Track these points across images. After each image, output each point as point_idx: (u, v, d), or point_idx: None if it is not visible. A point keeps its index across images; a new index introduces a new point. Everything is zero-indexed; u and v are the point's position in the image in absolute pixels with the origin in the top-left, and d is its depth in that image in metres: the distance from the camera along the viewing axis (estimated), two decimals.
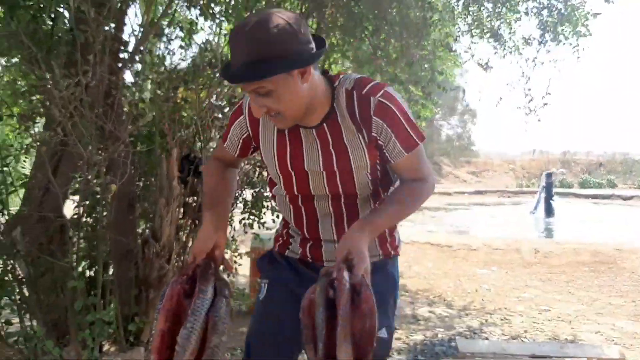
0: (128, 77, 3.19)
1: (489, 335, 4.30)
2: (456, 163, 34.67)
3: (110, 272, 2.93)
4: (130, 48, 3.13)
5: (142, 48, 2.96)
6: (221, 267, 1.65)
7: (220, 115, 3.37)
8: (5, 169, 2.83)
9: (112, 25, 2.94)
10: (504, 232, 10.64)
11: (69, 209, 3.09)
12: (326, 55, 5.78)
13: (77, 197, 2.97)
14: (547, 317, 4.92)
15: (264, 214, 4.25)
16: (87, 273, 3.08)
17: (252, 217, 4.12)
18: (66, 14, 2.99)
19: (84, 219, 2.87)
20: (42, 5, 2.99)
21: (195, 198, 3.14)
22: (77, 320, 2.70)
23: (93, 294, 2.77)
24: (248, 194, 4.14)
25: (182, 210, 3.12)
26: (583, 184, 26.80)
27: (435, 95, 6.51)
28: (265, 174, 3.67)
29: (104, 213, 2.82)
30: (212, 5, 4.31)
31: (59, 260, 2.80)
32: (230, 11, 4.38)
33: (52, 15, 3.06)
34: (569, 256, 7.80)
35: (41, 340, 2.73)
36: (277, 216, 3.86)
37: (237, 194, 3.61)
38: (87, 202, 2.84)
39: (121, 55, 2.99)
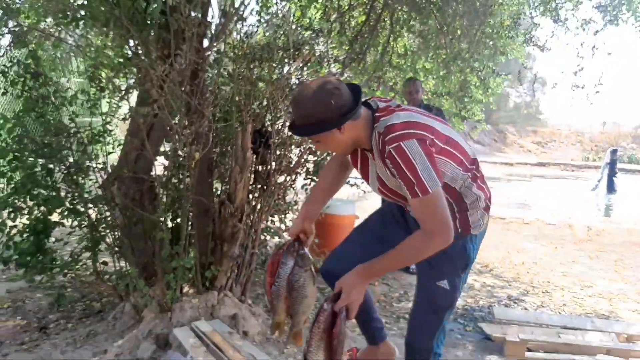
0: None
1: (528, 306, 4.58)
2: (522, 132, 33.85)
3: (191, 227, 3.41)
4: (213, 30, 3.52)
5: (224, 32, 3.35)
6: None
7: (288, 91, 3.72)
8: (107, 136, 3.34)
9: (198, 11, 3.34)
10: (561, 208, 10.67)
11: (158, 170, 3.59)
12: (391, 29, 6.01)
13: (162, 160, 3.46)
14: (588, 293, 5.13)
15: None
16: (170, 225, 3.58)
17: (313, 183, 4.49)
18: None
19: (170, 181, 3.35)
20: None
21: (265, 167, 3.54)
22: (163, 266, 3.20)
23: (177, 244, 3.26)
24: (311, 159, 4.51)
25: (253, 177, 3.54)
26: None
27: (501, 66, 6.63)
28: None
29: (188, 177, 3.28)
30: None
31: (149, 213, 3.30)
32: None
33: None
34: (621, 235, 7.86)
35: (133, 280, 3.26)
36: None
37: (302, 162, 3.96)
38: (174, 167, 3.31)
39: (206, 40, 3.38)
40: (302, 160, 3.85)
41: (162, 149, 3.64)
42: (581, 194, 13.75)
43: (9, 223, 3.84)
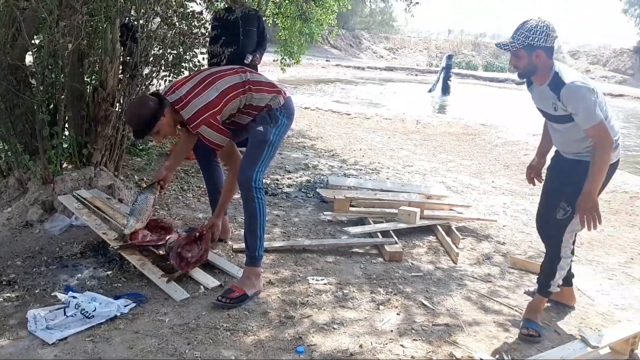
0: None
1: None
2: (376, 38, 35.44)
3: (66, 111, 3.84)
4: None
5: None
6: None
7: None
8: None
9: None
10: (400, 106, 12.00)
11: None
12: None
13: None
14: (408, 170, 6.31)
15: (183, 73, 5.02)
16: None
17: (172, 75, 4.90)
18: None
19: (46, 69, 3.72)
20: None
21: (131, 59, 4.00)
22: (44, 144, 3.65)
23: (55, 125, 3.70)
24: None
25: (121, 67, 4.00)
26: (487, 67, 28.71)
27: None
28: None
29: (61, 66, 3.67)
30: None
31: (28, 98, 3.68)
32: None
33: None
34: (443, 128, 9.28)
35: (18, 156, 3.68)
36: None
37: (163, 55, 4.44)
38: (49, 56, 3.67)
39: None
40: (165, 53, 4.35)
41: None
42: (420, 95, 15.36)
43: None
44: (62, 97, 3.76)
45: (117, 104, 3.92)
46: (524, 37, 2.67)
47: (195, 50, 4.62)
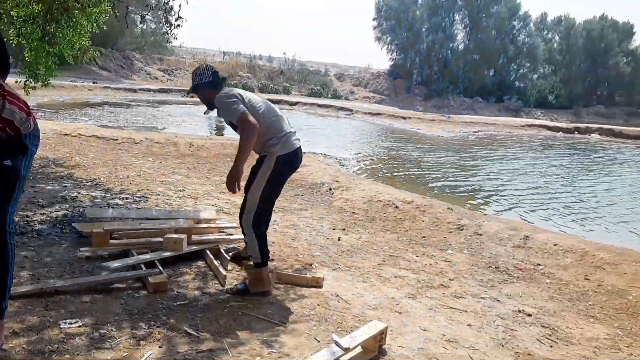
0: None
1: (125, 210, 5.30)
2: (149, 59, 34.47)
3: None
4: None
5: None
6: None
7: None
8: None
9: None
10: (175, 129, 11.79)
11: None
12: None
13: None
14: (179, 195, 6.17)
15: None
16: None
17: None
18: None
19: None
20: None
21: None
22: None
23: None
24: None
25: None
26: (262, 89, 29.78)
27: None
28: None
29: None
30: None
31: None
32: None
33: None
34: (217, 149, 9.32)
35: None
36: None
37: None
38: None
39: None
40: None
41: None
42: (196, 117, 15.29)
43: None
44: None
45: None
46: (192, 81, 3.69)
47: None
